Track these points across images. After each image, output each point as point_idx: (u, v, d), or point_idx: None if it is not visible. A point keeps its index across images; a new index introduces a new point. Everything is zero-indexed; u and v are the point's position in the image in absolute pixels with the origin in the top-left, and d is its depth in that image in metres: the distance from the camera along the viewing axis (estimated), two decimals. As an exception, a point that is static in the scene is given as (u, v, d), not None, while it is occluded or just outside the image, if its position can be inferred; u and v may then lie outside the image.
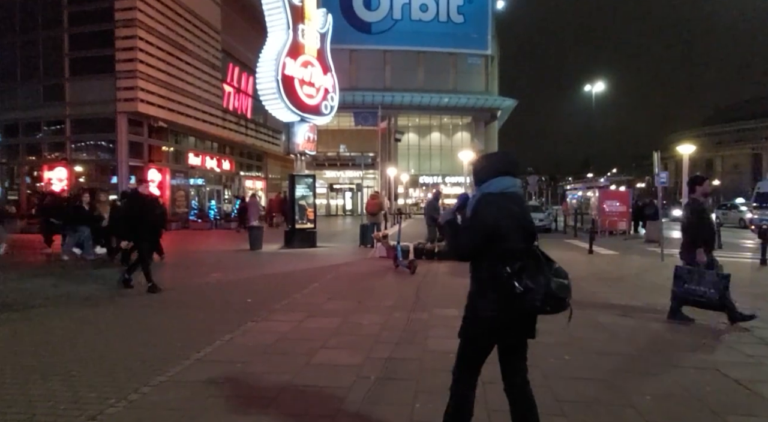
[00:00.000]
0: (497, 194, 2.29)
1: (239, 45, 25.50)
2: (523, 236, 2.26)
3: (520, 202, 2.39)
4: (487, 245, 2.21)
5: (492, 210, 2.23)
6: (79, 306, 6.30)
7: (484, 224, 2.21)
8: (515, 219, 2.26)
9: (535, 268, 2.15)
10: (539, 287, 2.12)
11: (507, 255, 2.18)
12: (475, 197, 2.36)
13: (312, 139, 14.74)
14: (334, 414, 3.12)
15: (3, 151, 20.72)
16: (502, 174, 2.35)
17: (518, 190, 2.41)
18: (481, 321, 2.28)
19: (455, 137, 45.64)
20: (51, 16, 19.02)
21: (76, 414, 3.02)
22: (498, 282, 2.16)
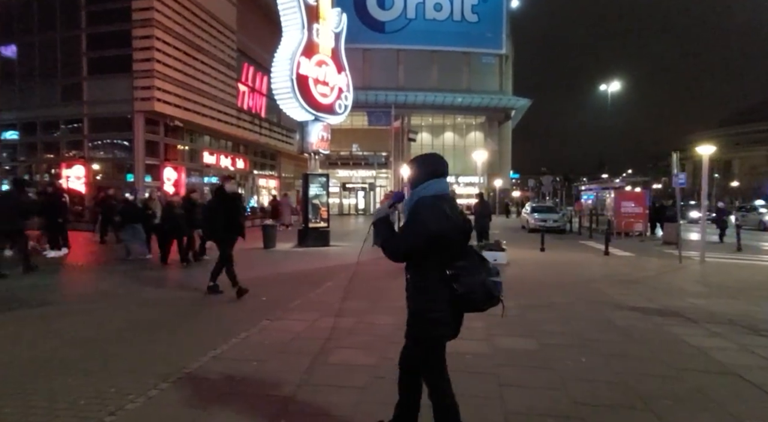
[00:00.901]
0: (433, 197, 2.35)
1: (254, 44, 25.65)
2: (460, 238, 2.36)
3: (453, 203, 2.45)
4: (425, 248, 2.27)
5: (432, 214, 2.28)
6: (100, 303, 6.41)
7: (425, 229, 2.26)
8: (452, 222, 2.32)
9: (472, 268, 2.29)
10: (478, 286, 2.26)
11: (446, 257, 2.28)
12: (412, 200, 2.40)
13: (326, 138, 14.79)
14: (350, 413, 3.12)
15: (22, 149, 21.10)
16: (437, 176, 2.42)
17: (448, 191, 2.48)
18: (433, 322, 2.34)
19: (469, 137, 45.45)
20: (69, 15, 19.29)
21: (96, 409, 3.06)
22: (441, 285, 2.27)
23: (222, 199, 6.84)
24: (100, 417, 2.96)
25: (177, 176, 20.86)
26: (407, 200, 2.44)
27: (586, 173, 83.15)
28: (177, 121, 20.02)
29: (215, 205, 6.89)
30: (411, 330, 2.47)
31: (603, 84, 32.12)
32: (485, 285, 2.29)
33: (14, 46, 20.45)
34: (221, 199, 6.84)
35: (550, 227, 19.38)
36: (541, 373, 3.88)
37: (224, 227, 6.69)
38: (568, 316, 5.83)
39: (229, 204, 6.78)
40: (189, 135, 22.22)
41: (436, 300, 2.31)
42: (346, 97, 15.19)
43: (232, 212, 6.81)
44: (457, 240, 2.35)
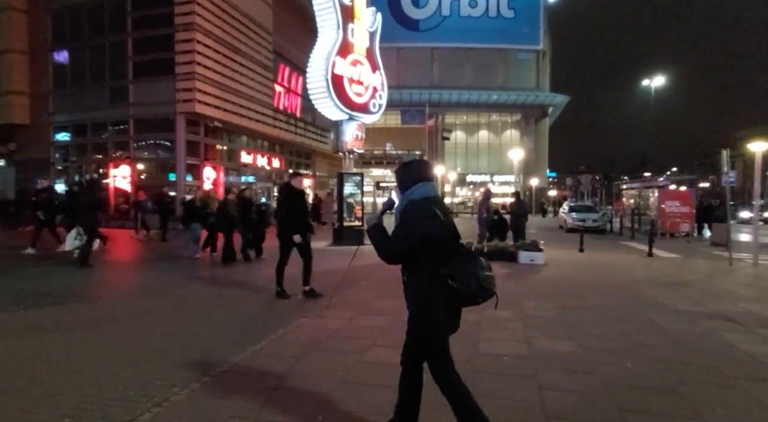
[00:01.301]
0: (422, 200, 2.45)
1: (289, 45, 26.08)
2: (450, 237, 2.45)
3: (441, 204, 2.54)
4: (418, 249, 2.37)
5: (422, 216, 2.39)
6: (145, 298, 6.66)
7: (417, 230, 2.37)
8: (442, 223, 2.42)
9: (465, 265, 2.38)
10: (471, 281, 2.35)
11: (439, 257, 2.38)
12: (402, 204, 2.51)
13: (360, 137, 14.86)
14: (386, 412, 3.11)
15: (73, 150, 22.21)
16: (423, 180, 2.53)
17: (437, 194, 2.60)
18: (433, 322, 2.44)
19: (504, 135, 44.73)
20: (116, 22, 20.17)
21: (143, 400, 3.17)
22: (437, 283, 2.36)
23: (289, 196, 6.60)
24: (147, 407, 3.07)
25: (216, 175, 21.47)
26: (398, 205, 2.54)
27: (628, 171, 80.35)
28: (216, 121, 20.59)
29: (282, 203, 6.73)
30: (412, 331, 2.54)
31: (646, 79, 30.91)
32: (479, 279, 2.37)
33: (66, 52, 21.52)
34: (288, 197, 6.61)
35: (589, 227, 18.82)
36: (584, 378, 3.76)
37: (291, 225, 6.48)
38: (610, 319, 5.63)
39: (296, 201, 6.53)
40: (227, 135, 22.82)
41: (433, 300, 2.40)
42: (380, 96, 15.20)
43: (299, 210, 6.58)
44: (448, 239, 2.44)
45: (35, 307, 5.88)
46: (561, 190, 75.26)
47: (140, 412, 3.00)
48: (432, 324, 2.44)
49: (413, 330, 2.54)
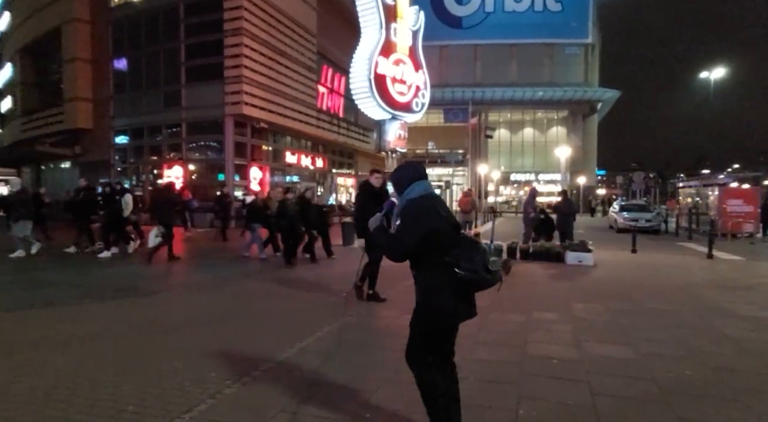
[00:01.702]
0: (419, 198, 2.57)
1: (333, 47, 26.41)
2: (450, 229, 2.53)
3: (438, 199, 2.66)
4: (422, 245, 2.45)
5: (422, 213, 2.50)
6: (203, 294, 6.95)
7: (418, 227, 2.46)
8: (440, 216, 2.52)
9: (468, 252, 2.42)
10: (477, 265, 2.37)
11: (444, 248, 2.43)
12: (401, 204, 2.62)
13: (403, 136, 14.90)
14: (434, 412, 3.10)
15: (131, 151, 23.45)
16: (418, 179, 2.64)
17: (433, 190, 2.70)
18: (440, 314, 2.49)
19: (550, 132, 43.53)
20: (170, 29, 21.10)
21: (199, 391, 3.31)
22: (443, 272, 2.41)
23: (368, 194, 6.22)
24: (203, 398, 3.20)
25: (262, 175, 22.06)
26: (397, 205, 2.65)
27: (684, 169, 76.24)
28: (262, 122, 21.15)
29: (361, 202, 6.33)
30: (419, 317, 2.58)
31: (704, 71, 29.17)
32: (485, 263, 2.40)
33: (125, 59, 22.72)
34: (367, 195, 6.23)
35: (642, 227, 17.99)
36: (639, 384, 3.60)
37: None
38: (668, 323, 5.36)
39: (375, 200, 6.03)
40: (272, 136, 23.40)
41: (441, 289, 2.45)
42: (423, 94, 15.19)
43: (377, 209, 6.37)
44: (449, 232, 2.52)
45: (98, 300, 6.26)
46: (611, 188, 72.36)
47: (197, 403, 3.13)
48: (437, 314, 2.50)
49: (418, 320, 2.59)
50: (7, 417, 2.95)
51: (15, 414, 2.98)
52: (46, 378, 3.55)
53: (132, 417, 2.94)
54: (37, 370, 3.70)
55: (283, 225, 9.65)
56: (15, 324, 5.11)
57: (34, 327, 5.00)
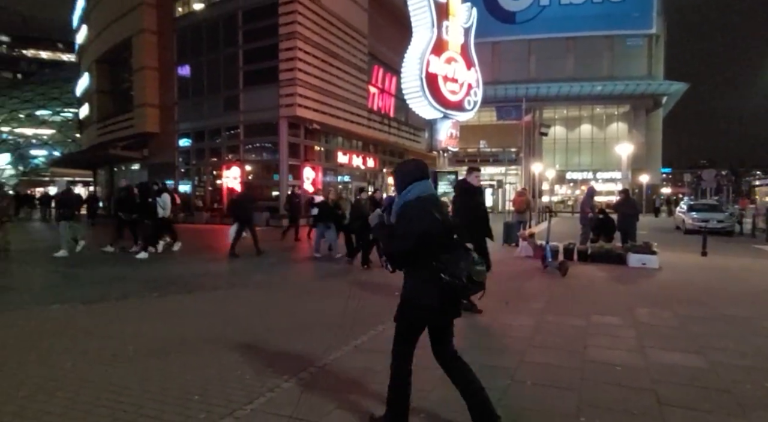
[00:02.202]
0: (416, 199, 2.62)
1: (384, 47, 26.55)
2: (443, 233, 2.58)
3: (435, 202, 2.69)
4: (415, 246, 2.53)
5: (416, 218, 2.56)
6: (258, 290, 7.21)
7: (414, 229, 2.53)
8: (435, 220, 2.57)
9: (457, 259, 2.52)
10: (462, 273, 2.49)
11: (433, 251, 2.52)
12: (398, 204, 2.68)
13: (455, 135, 14.75)
14: (490, 415, 3.04)
15: (193, 153, 24.69)
16: (418, 180, 2.70)
17: (433, 192, 2.75)
18: (419, 308, 2.61)
19: (609, 128, 41.59)
20: (229, 36, 22.02)
21: (258, 385, 3.43)
22: (431, 275, 2.51)
23: (465, 194, 5.76)
24: (262, 392, 3.31)
25: (315, 175, 22.55)
26: (395, 204, 2.71)
27: (761, 165, 70.60)
28: (315, 123, 21.61)
29: (458, 203, 5.86)
30: (401, 314, 2.70)
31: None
32: (469, 273, 2.51)
33: (188, 66, 23.94)
34: (465, 195, 5.80)
35: (713, 228, 16.79)
36: (713, 396, 3.36)
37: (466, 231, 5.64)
38: (744, 332, 4.97)
39: (474, 200, 5.66)
40: (324, 136, 23.86)
41: (429, 288, 2.55)
42: (475, 93, 14.96)
43: (478, 210, 5.66)
44: (443, 235, 2.58)
45: (164, 295, 6.64)
46: (677, 187, 68.09)
47: (256, 396, 3.25)
48: (420, 309, 2.61)
49: (401, 313, 2.70)
50: (71, 405, 3.18)
51: (87, 405, 3.21)
52: (117, 367, 3.80)
53: (198, 406, 3.09)
54: (109, 360, 3.97)
55: (357, 227, 9.35)
56: (90, 316, 5.51)
57: (108, 319, 5.37)
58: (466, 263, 2.53)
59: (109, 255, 10.77)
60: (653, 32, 39.24)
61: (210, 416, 2.95)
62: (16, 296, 6.54)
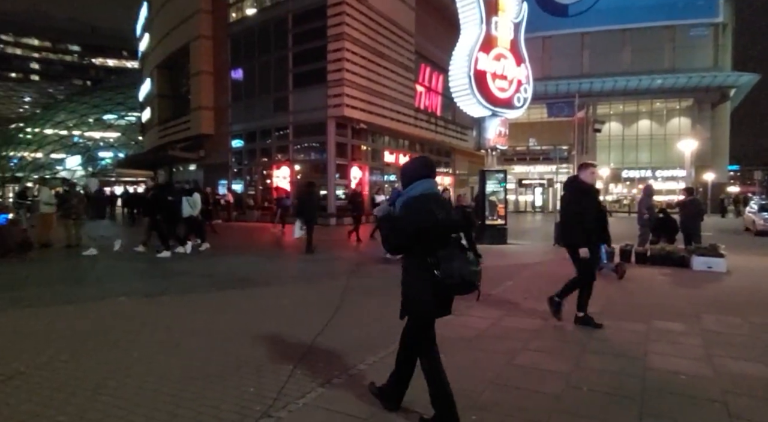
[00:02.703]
0: (419, 196, 2.73)
1: (431, 45, 26.39)
2: (442, 230, 2.68)
3: (438, 200, 2.78)
4: (411, 241, 2.68)
5: (415, 214, 2.68)
6: (303, 284, 7.36)
7: (412, 225, 2.66)
8: (434, 218, 2.65)
9: (451, 257, 2.61)
10: (454, 272, 2.58)
11: (430, 247, 2.64)
12: (401, 199, 2.79)
13: (503, 133, 14.40)
14: (543, 420, 2.95)
15: (245, 154, 25.54)
16: (423, 177, 2.82)
17: (436, 190, 2.86)
18: (418, 302, 2.74)
19: (670, 124, 39.35)
20: (280, 39, 22.60)
21: (309, 380, 3.50)
22: (424, 270, 2.64)
23: (582, 194, 5.08)
24: (313, 386, 3.38)
25: (362, 175, 22.75)
26: (399, 199, 2.81)
27: None
28: (362, 123, 21.80)
29: (574, 204, 5.09)
30: (403, 309, 2.82)
31: None
32: (461, 271, 2.60)
33: (241, 69, 24.79)
34: (582, 195, 5.07)
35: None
36: (792, 411, 3.11)
37: (579, 234, 4.98)
38: (826, 344, 4.56)
39: (586, 201, 5.01)
40: (371, 136, 24.03)
41: (420, 283, 2.69)
42: (525, 89, 14.53)
43: (591, 212, 4.98)
44: (439, 233, 2.68)
45: (223, 289, 6.91)
46: (746, 185, 63.53)
47: (308, 390, 3.32)
48: (416, 304, 2.75)
49: (403, 308, 2.82)
50: (139, 392, 3.37)
51: (152, 392, 3.39)
52: (181, 357, 4.00)
53: (253, 398, 3.19)
54: (172, 350, 4.17)
55: None
56: (153, 308, 5.82)
57: (170, 311, 5.65)
58: (460, 262, 2.62)
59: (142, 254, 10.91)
60: (720, 20, 36.71)
61: (264, 408, 3.04)
62: (88, 288, 7.02)
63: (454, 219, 2.79)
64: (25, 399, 3.13)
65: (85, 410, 2.99)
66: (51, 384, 3.37)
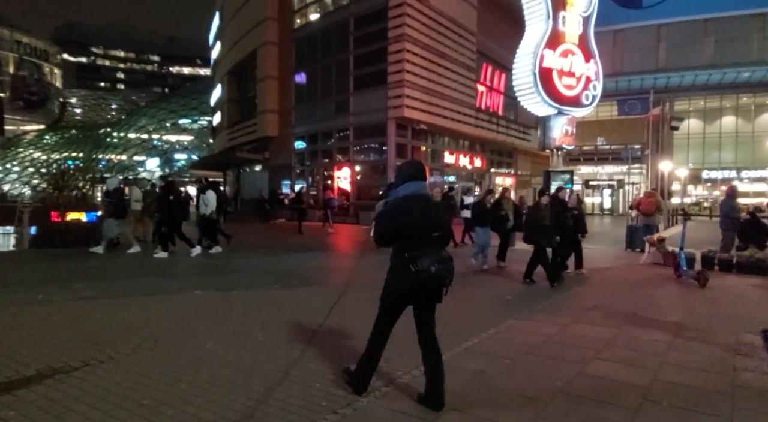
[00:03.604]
0: (404, 197, 3.04)
1: (493, 44, 25.86)
2: (421, 229, 2.96)
3: (422, 201, 3.06)
4: (393, 237, 3.01)
5: (399, 213, 3.00)
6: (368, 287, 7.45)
7: (395, 222, 3.00)
8: (415, 218, 2.96)
9: (425, 254, 2.91)
10: (427, 268, 2.88)
11: (408, 244, 2.95)
12: (390, 198, 3.14)
13: (570, 132, 13.87)
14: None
15: (307, 155, 26.29)
16: (412, 179, 3.09)
17: (423, 192, 3.12)
18: (390, 292, 3.07)
19: (759, 120, 36.04)
20: (341, 42, 23.07)
21: (373, 379, 3.50)
22: (403, 263, 2.94)
23: None
24: (377, 386, 3.40)
25: (421, 175, 22.69)
26: (388, 198, 3.14)
27: None
28: (422, 124, 21.75)
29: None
30: (382, 295, 3.13)
31: None
32: (434, 268, 2.89)
33: (304, 73, 25.56)
34: None
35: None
36: None
37: None
38: None
39: None
40: (431, 136, 23.91)
41: (397, 274, 3.00)
42: (594, 86, 13.93)
43: None
44: (418, 232, 2.96)
45: (287, 287, 7.14)
46: None
47: (371, 390, 3.34)
48: (391, 293, 3.06)
49: (382, 296, 3.13)
50: (213, 382, 3.53)
51: (226, 383, 3.55)
52: (251, 350, 4.17)
53: (319, 394, 3.26)
54: (243, 342, 4.36)
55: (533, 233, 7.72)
56: (225, 302, 6.11)
57: (240, 306, 5.92)
58: (433, 259, 2.89)
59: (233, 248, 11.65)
60: (820, 4, 33.12)
61: (330, 405, 3.10)
62: (166, 282, 7.51)
63: (434, 220, 3.01)
64: (115, 383, 3.39)
65: (166, 396, 3.19)
66: (137, 370, 3.62)
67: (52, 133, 54.62)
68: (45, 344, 4.17)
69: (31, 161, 49.68)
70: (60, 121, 60.15)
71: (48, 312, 5.29)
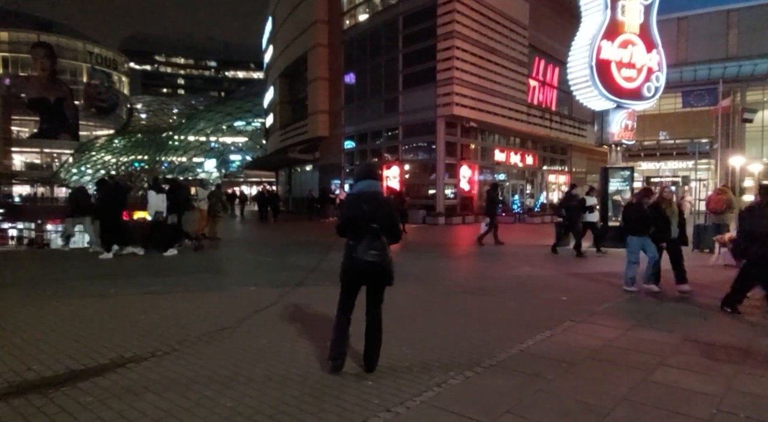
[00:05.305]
0: (356, 194, 3.63)
1: (546, 37, 25.05)
2: (364, 222, 3.40)
3: (370, 197, 3.54)
4: (346, 228, 3.50)
5: (349, 206, 3.61)
6: (415, 284, 7.44)
7: (344, 214, 3.58)
8: (361, 211, 3.44)
9: (365, 243, 3.36)
10: (363, 254, 3.35)
11: (354, 233, 3.44)
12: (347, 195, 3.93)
13: (630, 126, 13.14)
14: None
15: (356, 154, 26.55)
16: (365, 178, 3.66)
17: (372, 189, 3.63)
18: (341, 275, 3.58)
19: None
20: (390, 42, 23.11)
21: (426, 378, 3.51)
22: (348, 251, 3.47)
23: None
24: (430, 386, 3.38)
25: (471, 174, 22.37)
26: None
27: None
28: (472, 122, 21.41)
29: None
30: (340, 277, 3.61)
31: None
32: (364, 255, 3.34)
33: (353, 74, 25.84)
34: None
35: None
36: None
37: None
38: None
39: None
40: (481, 134, 23.50)
41: (346, 260, 3.51)
42: (657, 78, 13.09)
43: None
44: (361, 223, 3.41)
45: (333, 284, 7.22)
46: None
47: (424, 389, 3.33)
48: (343, 274, 3.56)
49: (340, 277, 3.60)
50: (269, 376, 3.63)
51: (281, 378, 3.64)
52: (304, 346, 4.26)
53: (372, 392, 3.28)
54: (296, 339, 4.46)
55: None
56: (277, 298, 6.28)
57: (291, 302, 6.06)
58: (366, 247, 3.33)
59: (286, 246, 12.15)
60: None
61: (383, 403, 3.11)
62: (225, 278, 7.83)
63: (374, 213, 3.41)
64: (180, 373, 3.57)
65: (226, 388, 3.32)
66: (198, 361, 3.80)
67: (120, 137, 58.32)
68: (118, 334, 4.46)
69: (103, 163, 53.34)
70: (127, 126, 64.08)
71: (120, 304, 5.67)
